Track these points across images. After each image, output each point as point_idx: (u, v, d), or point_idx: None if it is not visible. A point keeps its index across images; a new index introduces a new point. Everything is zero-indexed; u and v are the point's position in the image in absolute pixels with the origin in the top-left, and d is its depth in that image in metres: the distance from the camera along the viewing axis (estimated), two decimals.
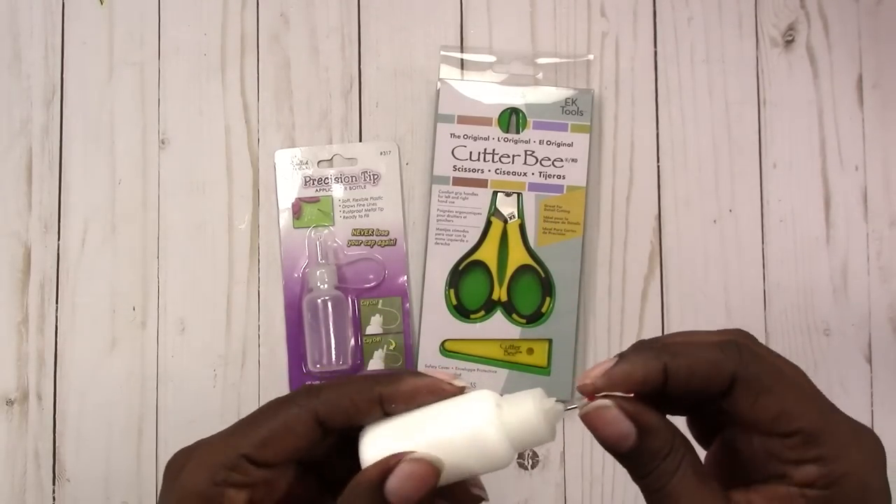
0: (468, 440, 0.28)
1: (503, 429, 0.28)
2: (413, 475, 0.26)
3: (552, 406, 0.28)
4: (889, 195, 0.62)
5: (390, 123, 0.63)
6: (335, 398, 0.28)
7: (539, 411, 0.28)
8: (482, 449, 0.28)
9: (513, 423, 0.28)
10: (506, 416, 0.28)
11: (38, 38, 0.64)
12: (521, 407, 0.28)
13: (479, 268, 0.61)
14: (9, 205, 0.63)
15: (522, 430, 0.28)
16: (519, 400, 0.28)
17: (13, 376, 0.62)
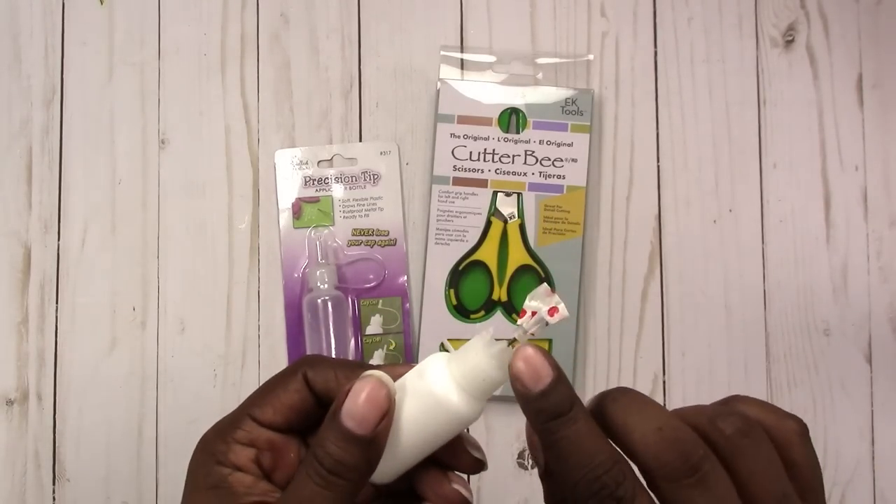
0: (429, 403, 0.28)
1: (456, 383, 0.28)
2: (363, 393, 0.26)
3: (498, 347, 0.28)
4: (889, 195, 0.62)
5: (390, 123, 0.63)
6: (322, 370, 0.30)
7: (485, 357, 0.28)
8: (444, 408, 0.28)
9: (465, 374, 0.28)
10: (455, 371, 0.28)
11: (38, 38, 0.64)
12: (468, 357, 0.28)
13: (479, 268, 0.61)
14: (9, 205, 0.63)
15: (476, 379, 0.28)
16: (466, 351, 0.28)
17: (13, 376, 0.62)
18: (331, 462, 0.26)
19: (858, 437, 0.60)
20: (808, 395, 0.60)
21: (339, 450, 0.26)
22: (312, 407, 0.31)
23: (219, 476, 0.29)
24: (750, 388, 0.61)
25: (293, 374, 0.30)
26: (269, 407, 0.30)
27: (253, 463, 0.30)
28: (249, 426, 0.30)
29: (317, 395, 0.30)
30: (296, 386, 0.30)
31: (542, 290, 0.28)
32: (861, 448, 0.60)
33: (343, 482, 0.26)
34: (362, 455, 0.27)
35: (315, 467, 0.26)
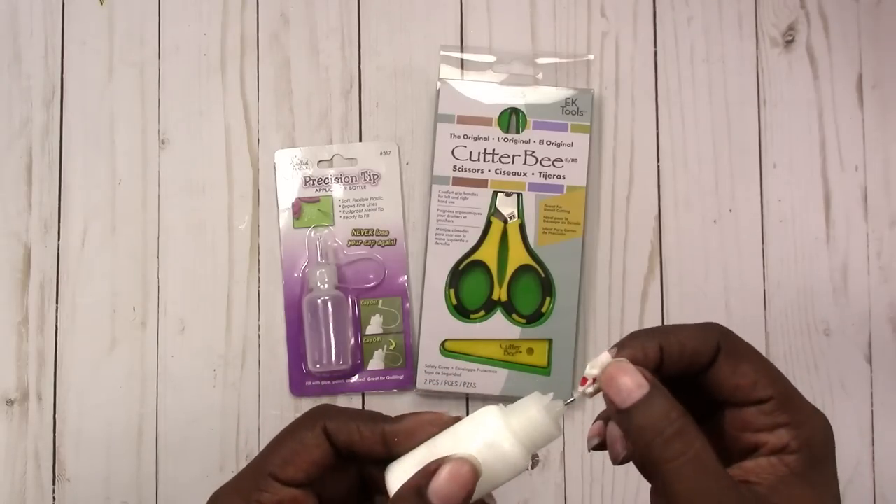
0: (487, 451, 0.29)
1: (514, 434, 0.30)
2: (454, 475, 0.27)
3: (554, 404, 0.30)
4: (889, 195, 0.62)
5: (390, 123, 0.63)
6: (343, 420, 0.30)
7: (542, 411, 0.30)
8: (501, 456, 0.30)
9: (521, 427, 0.30)
10: (514, 423, 0.30)
11: (38, 38, 0.64)
12: (525, 411, 0.30)
13: (479, 268, 0.61)
14: (9, 205, 0.63)
15: (531, 432, 0.30)
16: (522, 406, 0.31)
17: (13, 376, 0.62)
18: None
19: (858, 437, 0.60)
20: (808, 395, 0.60)
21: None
22: (332, 461, 0.30)
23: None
24: None
25: (311, 427, 0.30)
26: (290, 466, 0.30)
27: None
28: (273, 487, 0.30)
29: (336, 448, 0.30)
30: (316, 441, 0.30)
31: (603, 359, 0.30)
32: (861, 448, 0.60)
33: None
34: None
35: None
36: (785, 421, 0.29)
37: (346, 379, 0.61)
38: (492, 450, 0.30)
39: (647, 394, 0.27)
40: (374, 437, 0.30)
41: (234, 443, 0.61)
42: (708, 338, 0.29)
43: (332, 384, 0.61)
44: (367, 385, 0.61)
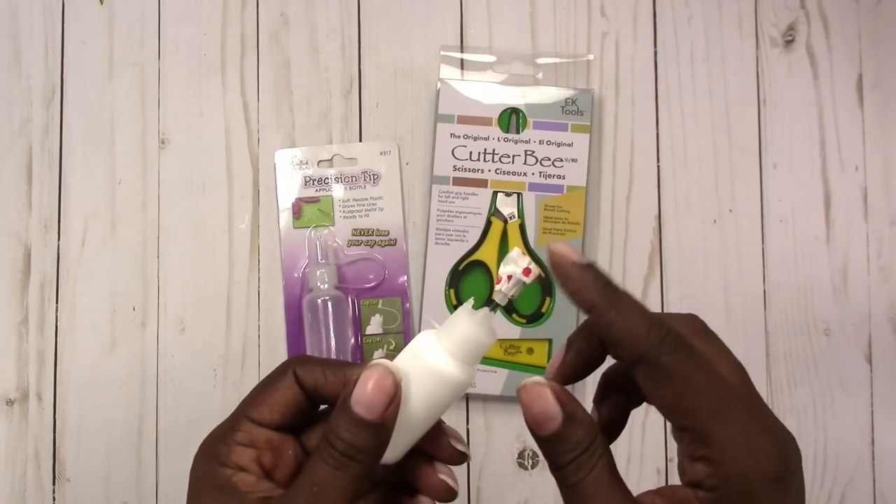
0: (430, 378, 0.30)
1: (447, 350, 0.30)
2: (371, 381, 0.28)
3: (481, 314, 0.30)
4: (889, 195, 0.62)
5: (390, 123, 0.63)
6: (311, 368, 0.32)
7: (468, 321, 0.30)
8: (444, 379, 0.30)
9: (453, 341, 0.30)
10: (447, 343, 0.30)
11: (38, 38, 0.64)
12: (454, 325, 0.30)
13: (479, 268, 0.61)
14: (9, 205, 0.63)
15: (463, 344, 0.30)
16: (452, 324, 0.31)
17: (13, 376, 0.62)
18: (343, 446, 0.27)
19: (858, 437, 0.60)
20: (808, 395, 0.60)
21: (350, 435, 0.27)
22: (304, 404, 0.32)
23: (223, 477, 0.30)
24: None
25: (283, 373, 0.32)
26: (264, 407, 0.31)
27: (255, 463, 0.31)
28: (248, 427, 0.31)
29: (307, 393, 0.32)
30: (287, 384, 0.31)
31: (514, 254, 0.30)
32: (861, 448, 0.60)
33: (356, 465, 0.28)
34: (373, 439, 0.28)
35: (329, 451, 0.28)
36: (701, 455, 0.26)
37: None
38: (433, 372, 0.30)
39: (558, 427, 0.27)
40: (338, 381, 0.31)
41: None
42: (638, 343, 0.27)
43: None
44: None
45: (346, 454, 0.27)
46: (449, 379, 0.30)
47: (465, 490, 0.61)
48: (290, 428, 0.32)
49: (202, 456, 0.31)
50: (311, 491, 0.27)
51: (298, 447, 0.32)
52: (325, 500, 0.27)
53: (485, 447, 0.61)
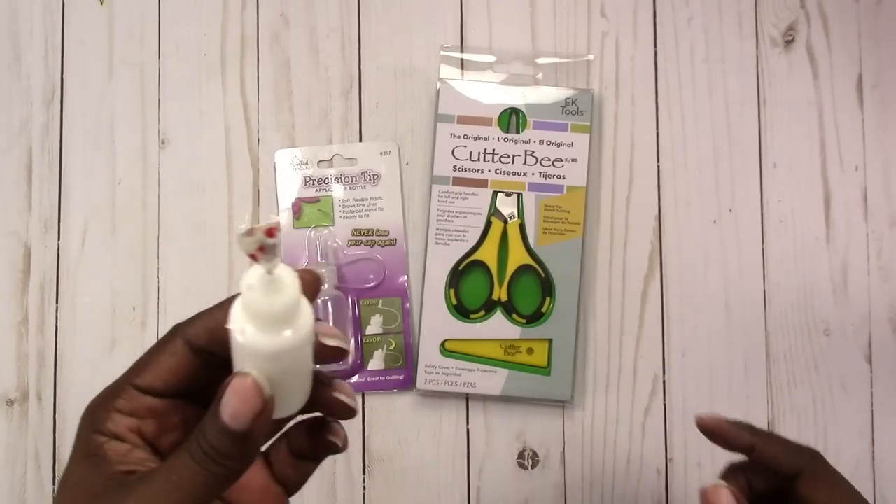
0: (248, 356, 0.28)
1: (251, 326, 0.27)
2: (238, 392, 0.27)
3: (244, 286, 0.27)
4: (889, 195, 0.62)
5: (390, 123, 0.63)
6: (198, 321, 0.31)
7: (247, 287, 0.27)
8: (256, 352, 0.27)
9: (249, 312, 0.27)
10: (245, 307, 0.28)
11: (38, 38, 0.64)
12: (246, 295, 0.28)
13: (479, 268, 0.61)
14: (9, 205, 0.63)
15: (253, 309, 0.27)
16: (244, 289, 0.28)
17: (13, 376, 0.62)
18: (208, 448, 0.27)
19: (858, 437, 0.60)
20: (808, 395, 0.60)
21: (215, 439, 0.27)
22: (197, 367, 0.30)
23: (95, 444, 0.29)
24: (750, 388, 0.61)
25: (171, 338, 0.30)
26: (148, 374, 0.30)
27: (132, 432, 0.30)
28: (129, 395, 0.30)
29: (206, 350, 0.30)
30: (174, 349, 0.30)
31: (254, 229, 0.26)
32: (861, 448, 0.60)
33: (219, 468, 0.27)
34: (237, 447, 0.27)
35: (195, 448, 0.27)
36: None
37: (347, 379, 0.61)
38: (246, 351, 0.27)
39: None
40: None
41: None
42: (797, 459, 0.38)
43: None
44: (368, 385, 0.61)
45: (209, 456, 0.27)
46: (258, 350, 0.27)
47: (466, 490, 0.61)
48: (180, 394, 0.31)
49: (82, 420, 0.30)
50: (168, 479, 0.27)
51: (189, 411, 0.31)
52: (181, 492, 0.27)
53: (485, 447, 0.61)
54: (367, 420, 0.61)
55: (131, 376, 0.30)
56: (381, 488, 0.61)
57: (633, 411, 0.61)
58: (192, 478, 0.27)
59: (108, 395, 0.30)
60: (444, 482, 0.61)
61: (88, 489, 0.28)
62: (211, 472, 0.27)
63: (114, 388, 0.30)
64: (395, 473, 0.61)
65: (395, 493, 0.61)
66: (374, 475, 0.61)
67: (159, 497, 0.26)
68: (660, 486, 0.60)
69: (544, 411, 0.61)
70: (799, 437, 0.60)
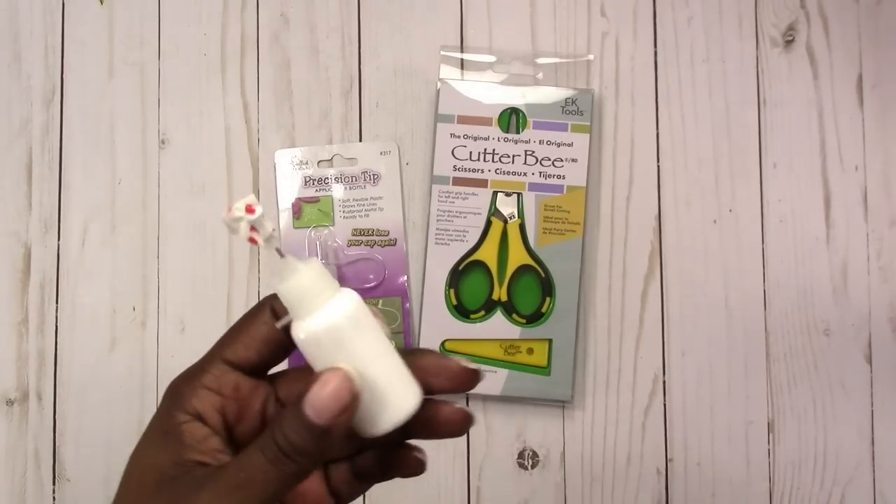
0: (322, 354, 0.28)
1: (301, 321, 0.28)
2: (328, 386, 0.26)
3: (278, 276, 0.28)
4: (889, 195, 0.62)
5: (390, 123, 0.63)
6: None
7: (276, 281, 0.28)
8: (297, 343, 0.28)
9: (286, 300, 0.28)
10: (284, 302, 0.28)
11: (38, 38, 0.64)
12: (277, 289, 0.28)
13: (479, 268, 0.61)
14: (9, 205, 0.63)
15: (294, 304, 0.27)
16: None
17: (13, 376, 0.62)
18: (284, 443, 0.26)
19: (858, 437, 0.60)
20: (808, 395, 0.60)
21: (294, 434, 0.26)
22: (283, 340, 0.30)
23: (174, 423, 0.28)
24: (750, 388, 0.61)
25: (260, 309, 0.30)
26: (239, 344, 0.29)
27: (216, 412, 0.29)
28: (219, 370, 0.29)
29: (285, 329, 0.30)
30: (264, 318, 0.30)
31: (232, 209, 0.27)
32: (861, 448, 0.60)
33: (291, 464, 0.27)
34: (316, 443, 0.26)
35: (268, 444, 0.27)
36: None
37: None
38: (308, 343, 0.27)
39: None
40: None
41: None
42: None
43: None
44: None
45: (284, 451, 0.26)
46: (309, 337, 0.27)
47: (465, 490, 0.61)
48: (266, 370, 0.30)
49: (165, 397, 0.29)
50: (237, 476, 0.26)
51: (268, 401, 0.31)
52: (249, 489, 0.26)
53: (485, 447, 0.61)
54: None
55: (221, 350, 0.30)
56: (381, 488, 0.61)
57: (633, 411, 0.61)
58: (263, 475, 0.26)
59: (196, 371, 0.30)
60: (444, 482, 0.61)
61: (158, 470, 0.28)
62: (281, 470, 0.26)
63: (202, 363, 0.30)
64: None
65: (395, 493, 0.61)
66: None
67: (227, 495, 0.26)
68: (660, 486, 0.60)
69: (544, 411, 0.61)
70: (799, 437, 0.60)
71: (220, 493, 0.26)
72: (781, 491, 0.60)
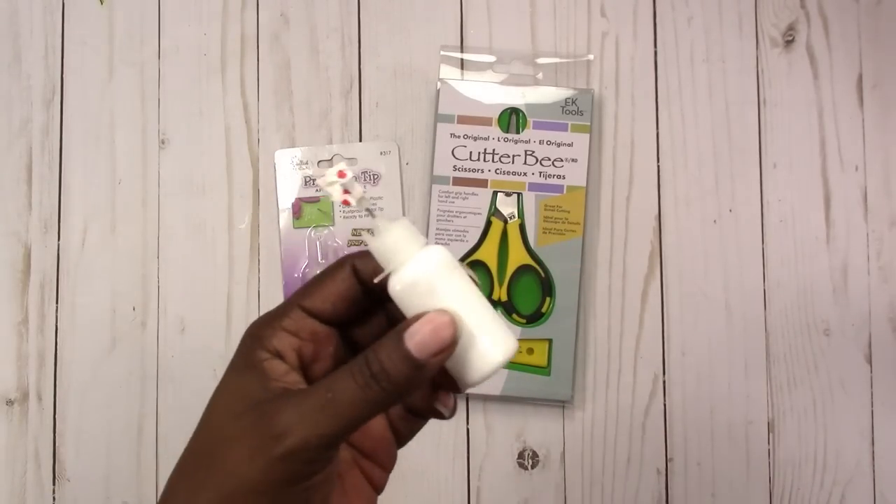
0: (416, 301, 0.29)
1: (396, 273, 0.29)
2: (432, 324, 0.28)
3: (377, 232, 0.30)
4: (889, 195, 0.62)
5: (390, 123, 0.63)
6: (370, 260, 0.31)
7: (370, 239, 0.30)
8: (391, 294, 0.29)
9: (378, 256, 0.30)
10: (378, 258, 0.30)
11: (38, 38, 0.64)
12: (371, 245, 0.30)
13: (479, 268, 0.61)
14: (9, 205, 0.63)
15: (386, 260, 0.29)
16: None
17: (13, 376, 0.62)
18: (378, 369, 0.28)
19: (858, 437, 0.60)
20: (808, 395, 0.60)
21: (390, 362, 0.28)
22: (358, 297, 0.31)
23: (257, 359, 0.30)
24: (750, 388, 0.61)
25: (341, 265, 0.32)
26: (317, 296, 0.31)
27: (293, 352, 0.31)
28: (297, 315, 0.31)
29: (363, 284, 0.31)
30: (343, 275, 0.31)
31: (326, 174, 0.31)
32: (861, 448, 0.60)
33: (380, 391, 0.28)
34: (408, 374, 0.28)
35: (360, 368, 0.28)
36: None
37: None
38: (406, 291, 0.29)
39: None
40: None
41: None
42: None
43: None
44: None
45: (375, 377, 0.28)
46: (402, 285, 0.29)
47: (466, 490, 0.61)
48: (340, 323, 0.32)
49: (247, 336, 0.31)
50: (325, 395, 0.28)
51: (342, 346, 0.32)
52: (335, 409, 0.28)
53: (485, 447, 0.61)
54: None
55: (300, 298, 0.31)
56: None
57: (633, 411, 0.61)
58: (350, 396, 0.28)
59: (276, 315, 0.31)
60: (444, 482, 0.61)
61: (248, 395, 0.29)
62: (369, 394, 0.28)
63: (281, 308, 0.31)
64: (395, 473, 0.61)
65: (395, 492, 0.61)
66: None
67: (314, 410, 0.28)
68: (660, 486, 0.60)
69: (544, 411, 0.61)
70: (799, 437, 0.60)
71: (306, 410, 0.28)
72: (781, 491, 0.60)
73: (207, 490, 0.28)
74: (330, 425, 0.28)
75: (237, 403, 0.29)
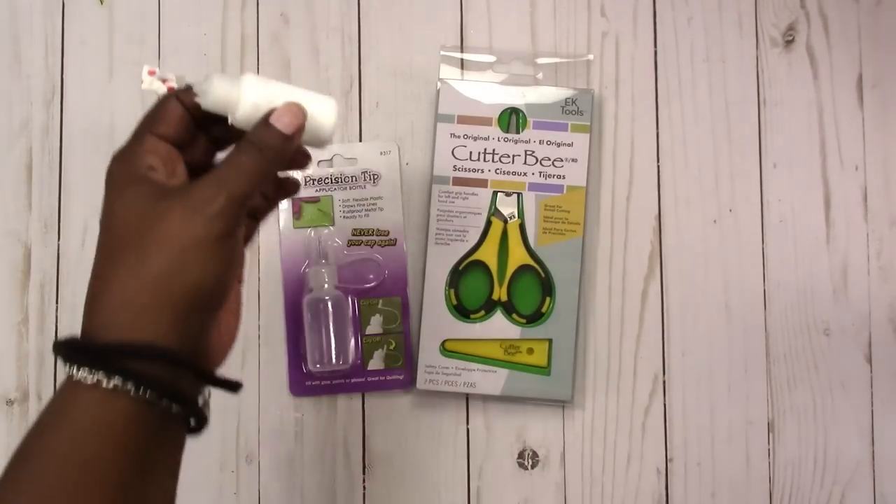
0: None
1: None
2: (290, 111, 0.37)
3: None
4: (889, 195, 0.62)
5: (390, 123, 0.63)
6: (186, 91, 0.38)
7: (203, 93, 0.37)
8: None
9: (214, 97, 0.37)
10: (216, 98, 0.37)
11: (38, 38, 0.64)
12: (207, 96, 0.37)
13: (479, 268, 0.61)
14: (9, 205, 0.63)
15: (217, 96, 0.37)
16: None
17: (13, 376, 0.62)
18: (263, 145, 0.36)
19: (858, 437, 0.60)
20: (808, 395, 0.60)
21: (271, 139, 0.36)
22: (189, 122, 0.38)
23: (140, 172, 0.35)
24: (750, 388, 0.61)
25: (167, 99, 0.38)
26: (162, 123, 0.37)
27: (163, 167, 0.36)
28: (151, 140, 0.37)
29: (189, 111, 0.38)
30: (173, 105, 0.38)
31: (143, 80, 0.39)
32: (861, 448, 0.60)
33: (268, 160, 0.36)
34: (284, 146, 0.36)
35: (248, 146, 0.36)
36: None
37: (346, 379, 0.61)
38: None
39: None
40: None
41: (233, 442, 0.61)
42: None
43: (331, 384, 0.61)
44: (367, 385, 0.61)
45: (261, 150, 0.36)
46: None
47: (466, 490, 0.61)
48: (179, 145, 0.38)
49: (115, 162, 0.36)
50: (233, 166, 0.35)
51: (181, 159, 0.38)
52: (244, 174, 0.35)
53: (485, 447, 0.61)
54: (367, 420, 0.61)
55: (148, 128, 0.37)
56: (381, 488, 0.61)
57: (633, 411, 0.61)
58: (250, 164, 0.36)
59: (134, 143, 0.37)
60: (444, 482, 0.61)
61: (153, 192, 0.35)
62: (261, 163, 0.36)
63: (136, 136, 0.37)
64: (395, 473, 0.61)
65: (395, 493, 0.61)
66: (374, 475, 0.61)
67: (231, 177, 0.35)
68: (660, 486, 0.60)
69: (544, 411, 0.61)
70: (799, 437, 0.60)
71: (221, 178, 0.35)
72: (781, 491, 0.60)
73: (152, 257, 0.33)
74: (242, 185, 0.35)
75: (145, 199, 0.34)
